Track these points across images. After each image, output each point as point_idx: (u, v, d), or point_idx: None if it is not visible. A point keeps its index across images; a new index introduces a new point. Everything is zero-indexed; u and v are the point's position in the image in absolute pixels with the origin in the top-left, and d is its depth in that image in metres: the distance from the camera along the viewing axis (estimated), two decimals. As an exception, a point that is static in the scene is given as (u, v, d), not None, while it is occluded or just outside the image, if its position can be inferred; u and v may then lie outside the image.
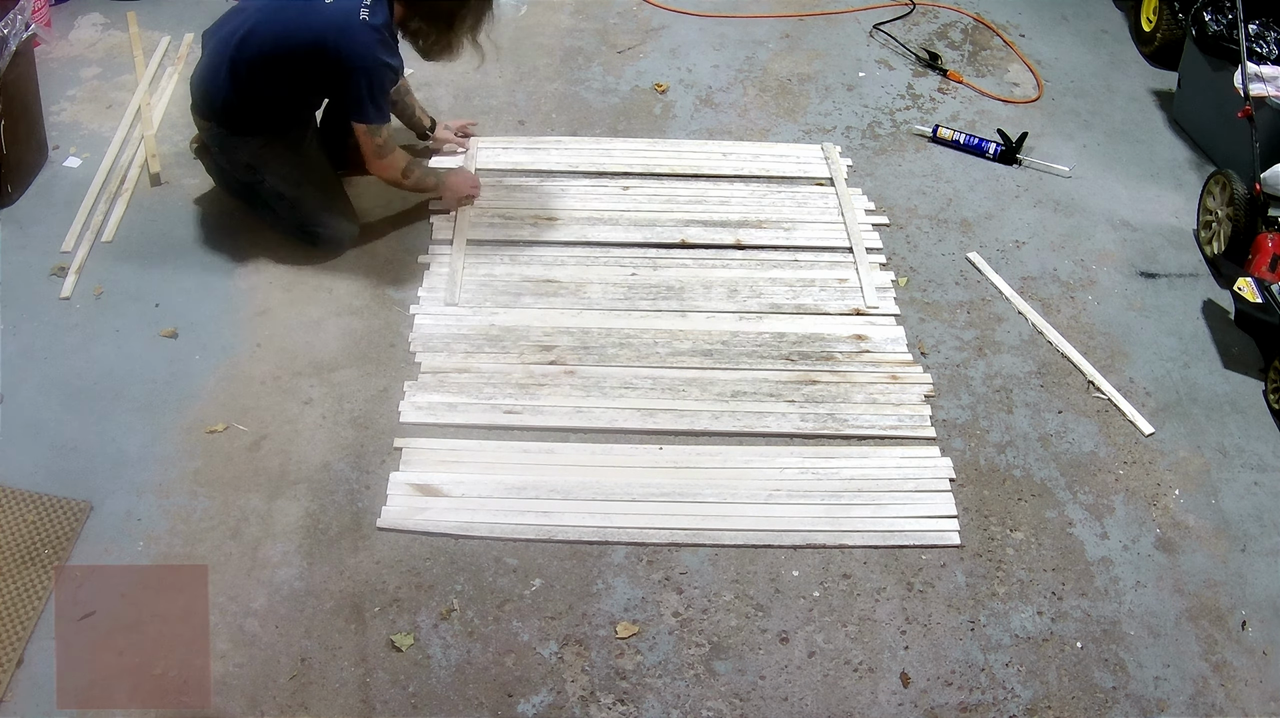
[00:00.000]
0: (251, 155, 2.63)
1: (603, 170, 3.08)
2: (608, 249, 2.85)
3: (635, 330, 2.63)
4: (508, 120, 3.26)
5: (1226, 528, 2.35)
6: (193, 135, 2.82)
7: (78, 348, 2.51)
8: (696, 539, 2.23)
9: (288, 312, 2.63)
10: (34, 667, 1.95)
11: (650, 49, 3.59)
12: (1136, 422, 2.54)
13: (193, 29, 3.45)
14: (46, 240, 2.75)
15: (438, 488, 2.27)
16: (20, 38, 2.72)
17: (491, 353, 2.56)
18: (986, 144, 3.25)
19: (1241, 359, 2.72)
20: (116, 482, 2.25)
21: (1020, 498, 2.37)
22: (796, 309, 2.72)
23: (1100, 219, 3.10)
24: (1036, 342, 2.72)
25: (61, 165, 2.97)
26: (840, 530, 2.25)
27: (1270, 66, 3.04)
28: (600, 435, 2.41)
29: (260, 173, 2.65)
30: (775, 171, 3.12)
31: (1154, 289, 2.90)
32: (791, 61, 3.59)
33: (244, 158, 2.64)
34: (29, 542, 2.12)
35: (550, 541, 2.21)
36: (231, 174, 2.72)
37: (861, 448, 2.42)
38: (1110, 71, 3.69)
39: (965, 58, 3.69)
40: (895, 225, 3.01)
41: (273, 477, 2.29)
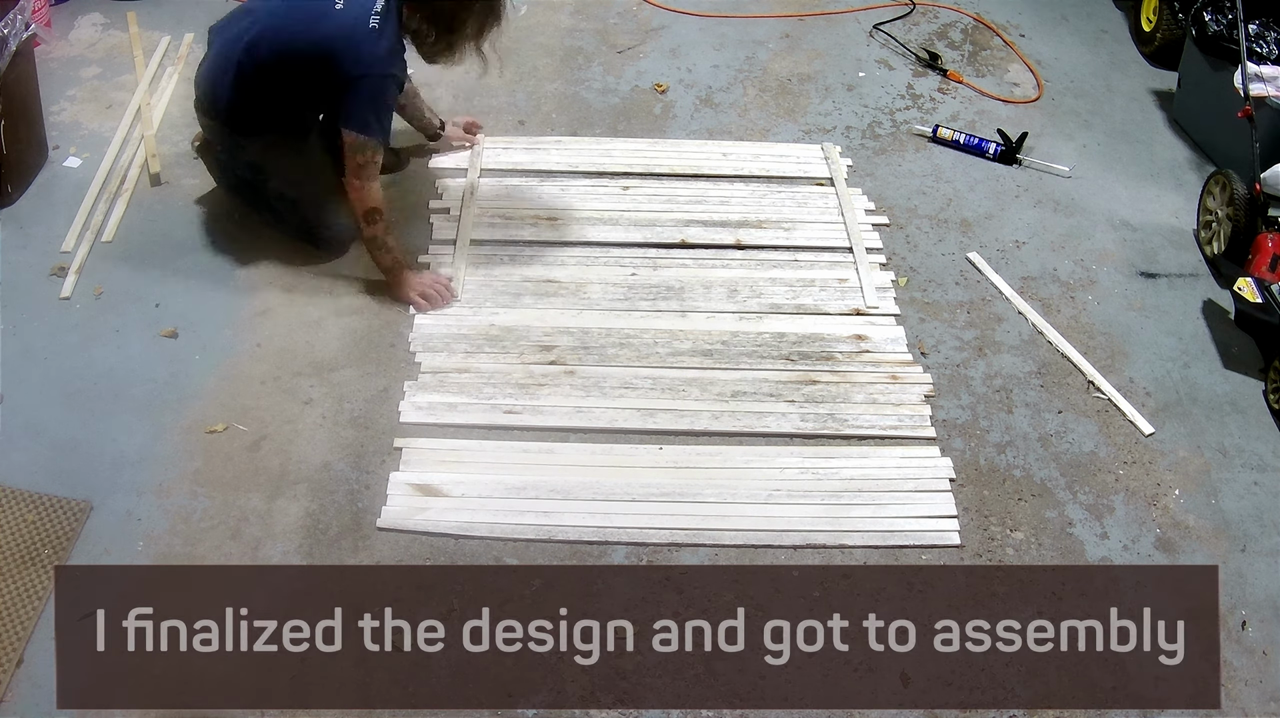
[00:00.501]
0: (255, 155, 2.63)
1: (603, 170, 3.08)
2: (608, 249, 2.85)
3: (635, 330, 2.63)
4: (508, 120, 3.26)
5: (1226, 528, 2.35)
6: (195, 133, 2.82)
7: (78, 348, 2.51)
8: (696, 539, 2.23)
9: (288, 312, 2.63)
10: (34, 667, 1.95)
11: (650, 49, 3.59)
12: (1136, 422, 2.54)
13: (193, 29, 3.45)
14: (46, 240, 2.75)
15: (438, 488, 2.27)
16: (20, 38, 2.72)
17: (491, 353, 2.56)
18: (986, 144, 3.25)
19: (1241, 359, 2.72)
20: (116, 482, 2.25)
21: (1020, 498, 2.37)
22: (796, 309, 2.72)
23: (1100, 219, 3.10)
24: (1036, 342, 2.72)
25: (61, 165, 2.97)
26: (840, 531, 2.25)
27: (1270, 66, 3.04)
28: (600, 435, 2.41)
29: (264, 173, 2.65)
30: (775, 171, 3.12)
31: (1154, 289, 2.90)
32: (791, 61, 3.59)
33: (248, 158, 2.64)
34: (29, 542, 2.12)
35: (550, 541, 2.21)
36: (234, 173, 2.72)
37: (861, 448, 2.42)
38: (1110, 71, 3.68)
39: (965, 58, 3.69)
40: (895, 225, 3.01)
41: (273, 477, 2.29)
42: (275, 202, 2.70)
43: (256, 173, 2.66)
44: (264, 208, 2.74)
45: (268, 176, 2.65)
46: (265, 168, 2.64)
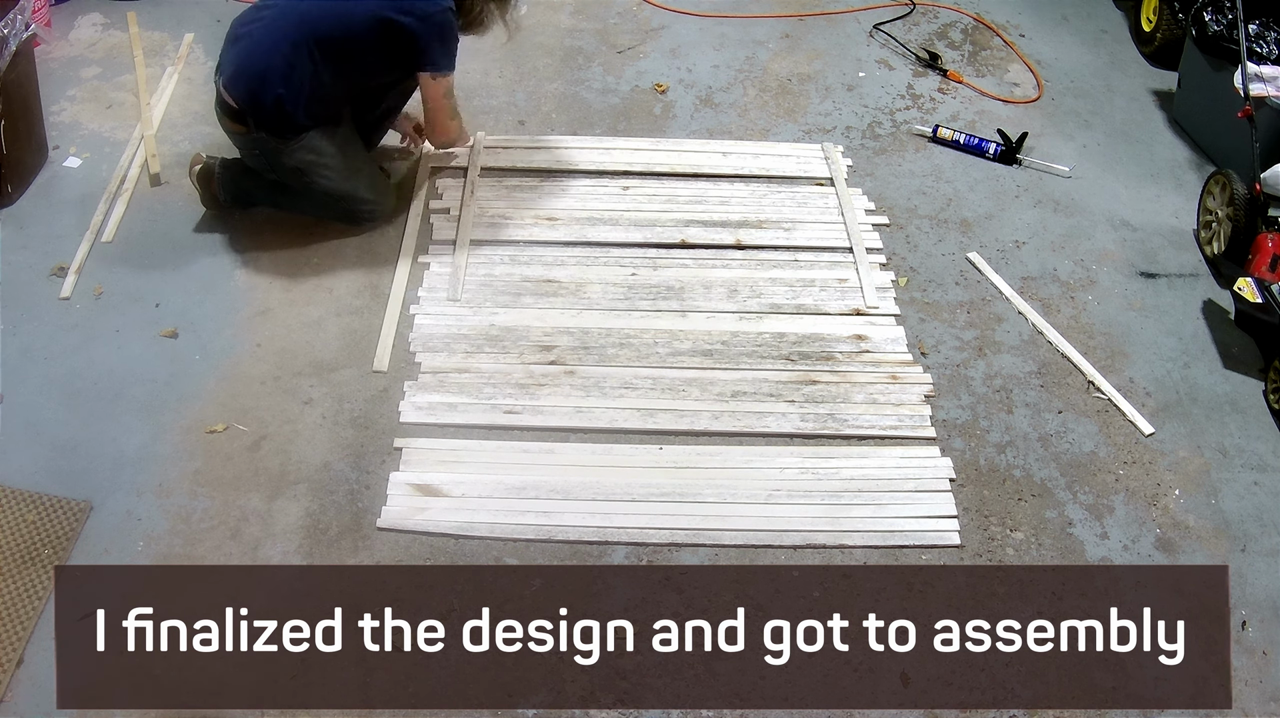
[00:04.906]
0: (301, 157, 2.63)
1: (603, 170, 3.08)
2: (608, 249, 2.85)
3: (635, 330, 2.63)
4: (508, 120, 3.26)
5: (1226, 528, 2.35)
6: (192, 159, 2.81)
7: (78, 348, 2.51)
8: (696, 539, 2.23)
9: (288, 312, 2.63)
10: (34, 667, 1.95)
11: (650, 49, 3.59)
12: (1136, 422, 2.54)
13: (193, 29, 3.45)
14: (46, 240, 2.75)
15: (438, 488, 2.27)
16: (20, 38, 2.72)
17: (491, 353, 2.56)
18: (986, 144, 3.25)
19: (1241, 359, 2.72)
20: (116, 482, 2.25)
21: (1020, 498, 2.37)
22: (796, 309, 2.72)
23: (1100, 219, 3.10)
24: (1036, 342, 2.72)
25: (61, 165, 2.97)
26: (840, 531, 2.25)
27: (1270, 66, 3.04)
28: (600, 435, 2.41)
29: (309, 175, 2.66)
30: (775, 171, 3.12)
31: (1154, 289, 2.90)
32: (791, 61, 3.59)
33: (292, 162, 2.64)
34: (29, 542, 2.12)
35: (550, 541, 2.21)
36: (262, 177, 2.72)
37: (861, 448, 2.42)
38: (1110, 71, 3.68)
39: (965, 58, 3.69)
40: (895, 225, 3.01)
41: (273, 477, 2.29)
42: (321, 195, 2.71)
43: (300, 176, 2.66)
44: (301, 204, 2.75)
45: (313, 178, 2.66)
46: (310, 170, 2.65)
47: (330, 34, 2.52)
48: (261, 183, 2.74)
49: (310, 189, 2.69)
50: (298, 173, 2.65)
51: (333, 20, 2.52)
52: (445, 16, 2.58)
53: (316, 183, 2.67)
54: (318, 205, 2.75)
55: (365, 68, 2.61)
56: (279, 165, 2.65)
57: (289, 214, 2.80)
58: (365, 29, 2.53)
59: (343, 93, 2.65)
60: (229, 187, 2.76)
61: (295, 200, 2.75)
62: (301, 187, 2.68)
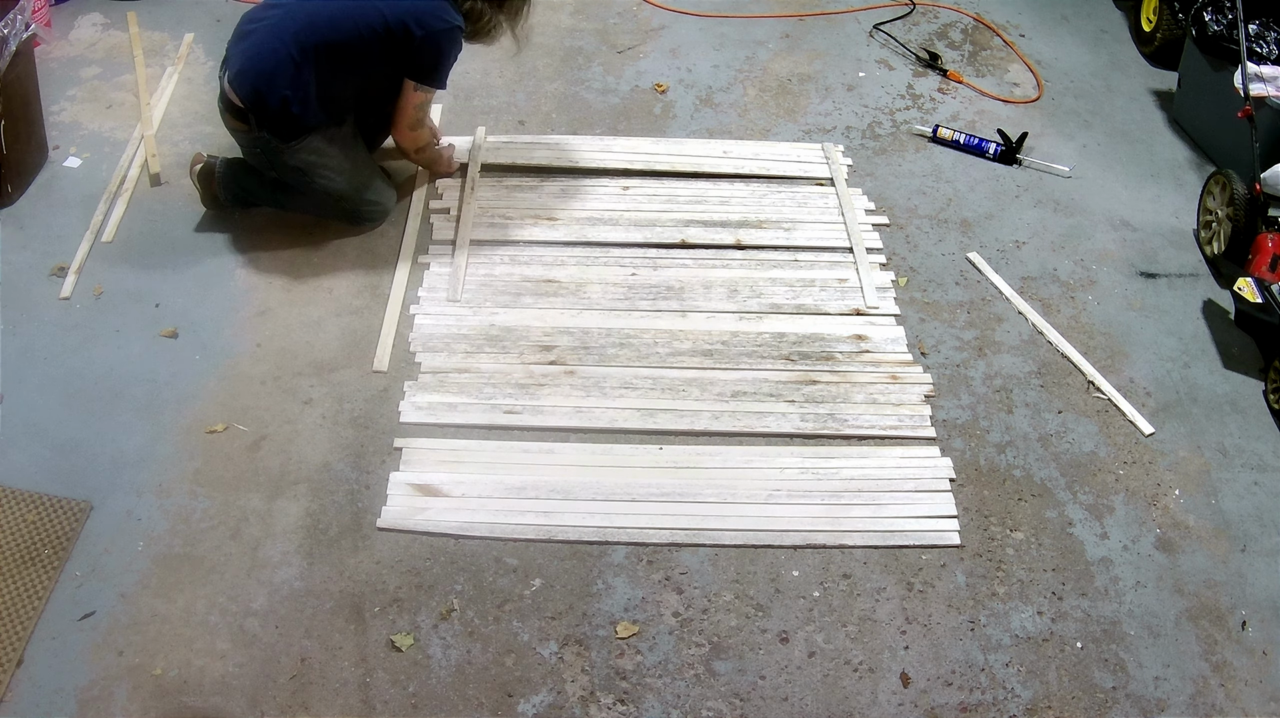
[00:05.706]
0: (303, 157, 2.63)
1: (603, 170, 3.08)
2: (608, 249, 2.85)
3: (635, 330, 2.63)
4: (508, 120, 3.26)
5: (1226, 528, 2.35)
6: (193, 159, 2.81)
7: (78, 348, 2.51)
8: (696, 539, 2.23)
9: (288, 312, 2.63)
10: (34, 667, 1.95)
11: (650, 49, 3.59)
12: (1136, 422, 2.54)
13: (193, 29, 3.45)
14: (46, 240, 2.75)
15: (438, 488, 2.27)
16: (20, 38, 2.72)
17: (491, 353, 2.56)
18: (986, 144, 3.25)
19: (1241, 359, 2.72)
20: (116, 482, 2.25)
21: (1020, 498, 2.37)
22: (796, 309, 2.72)
23: (1100, 219, 3.10)
24: (1036, 342, 2.72)
25: (61, 165, 2.97)
26: (840, 531, 2.25)
27: (1270, 66, 3.04)
28: (600, 435, 2.41)
29: (311, 175, 2.66)
30: (775, 171, 3.12)
31: (1154, 289, 2.90)
32: (791, 61, 3.59)
33: (295, 162, 2.63)
34: (29, 542, 2.12)
35: (550, 541, 2.21)
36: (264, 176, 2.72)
37: (861, 448, 2.42)
38: (1110, 71, 3.69)
39: (965, 58, 3.69)
40: (895, 225, 3.01)
41: (273, 477, 2.29)
42: (322, 195, 2.71)
43: (301, 175, 2.66)
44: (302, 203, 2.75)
45: (314, 178, 2.66)
46: (311, 170, 2.65)
47: (337, 37, 2.52)
48: (262, 182, 2.74)
49: (311, 189, 2.69)
50: (299, 172, 2.65)
51: (340, 24, 2.52)
52: (454, 35, 2.59)
53: (318, 183, 2.67)
54: (319, 205, 2.75)
55: (371, 71, 2.61)
56: (281, 164, 2.65)
57: (290, 214, 2.80)
58: (373, 34, 2.52)
59: (347, 95, 2.65)
60: (230, 186, 2.76)
61: (296, 200, 2.75)
62: (303, 186, 2.69)
